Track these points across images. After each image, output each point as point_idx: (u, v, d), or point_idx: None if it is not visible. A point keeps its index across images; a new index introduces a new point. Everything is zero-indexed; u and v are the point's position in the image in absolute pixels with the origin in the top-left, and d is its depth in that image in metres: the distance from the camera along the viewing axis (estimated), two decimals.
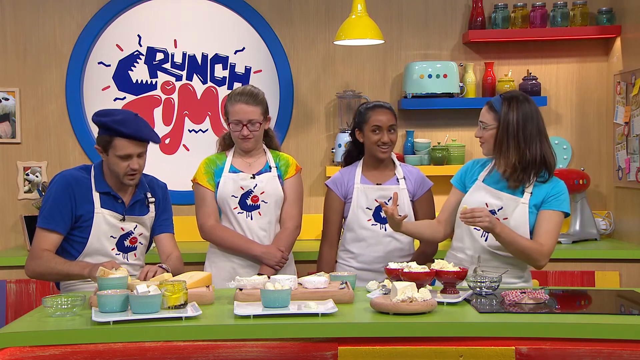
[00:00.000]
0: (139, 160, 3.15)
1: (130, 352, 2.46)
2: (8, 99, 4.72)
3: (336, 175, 3.59)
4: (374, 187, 3.49)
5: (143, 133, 3.12)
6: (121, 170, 3.14)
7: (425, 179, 3.57)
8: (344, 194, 3.52)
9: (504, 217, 3.11)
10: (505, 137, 3.10)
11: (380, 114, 3.46)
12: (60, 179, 3.20)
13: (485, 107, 3.20)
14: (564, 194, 3.13)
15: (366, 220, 3.47)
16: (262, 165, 3.58)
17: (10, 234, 4.71)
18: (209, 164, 3.57)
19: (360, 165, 3.56)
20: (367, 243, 3.48)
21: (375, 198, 3.46)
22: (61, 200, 3.14)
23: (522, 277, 3.21)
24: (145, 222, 3.30)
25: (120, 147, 3.10)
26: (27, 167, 4.73)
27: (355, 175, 3.53)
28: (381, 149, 3.46)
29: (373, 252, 3.48)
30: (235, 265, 3.52)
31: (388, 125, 3.46)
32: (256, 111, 3.46)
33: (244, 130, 3.47)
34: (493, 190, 3.16)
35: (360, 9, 4.22)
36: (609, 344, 2.47)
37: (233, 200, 3.51)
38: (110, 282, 2.73)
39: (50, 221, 3.13)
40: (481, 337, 2.51)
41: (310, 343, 2.50)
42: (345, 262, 3.53)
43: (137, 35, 4.75)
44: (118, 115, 3.12)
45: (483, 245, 3.15)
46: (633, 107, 4.36)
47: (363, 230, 3.48)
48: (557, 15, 4.61)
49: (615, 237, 4.66)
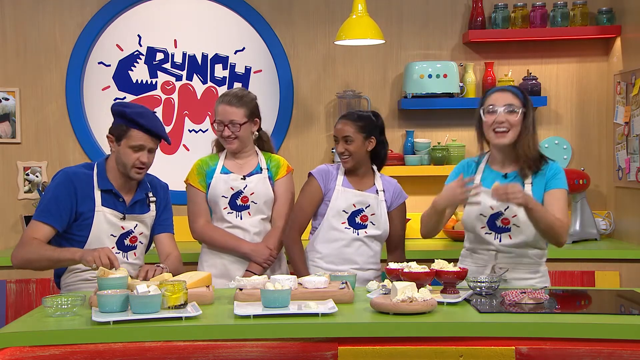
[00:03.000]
0: (149, 155, 3.19)
1: (130, 352, 2.46)
2: (8, 99, 4.72)
3: (323, 168, 3.56)
4: (354, 192, 3.49)
5: (159, 129, 3.19)
6: (130, 162, 3.16)
7: (401, 191, 3.59)
8: (326, 188, 3.51)
9: (512, 215, 3.11)
10: (530, 127, 3.11)
11: (339, 124, 3.51)
12: (62, 174, 3.21)
13: (507, 93, 3.13)
14: (561, 172, 3.17)
15: (340, 222, 3.48)
16: (253, 166, 3.62)
17: (10, 234, 4.71)
18: (201, 166, 3.62)
19: (342, 170, 3.55)
20: (338, 244, 3.48)
21: (353, 203, 3.47)
22: (61, 195, 3.14)
23: (538, 273, 3.21)
24: (145, 221, 3.31)
25: (136, 137, 3.15)
26: (27, 167, 4.73)
27: (337, 176, 3.52)
28: (342, 158, 3.49)
29: (342, 255, 3.47)
30: (226, 262, 3.58)
31: (342, 136, 3.47)
32: (238, 112, 3.50)
33: (225, 131, 3.52)
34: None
35: (360, 9, 4.22)
36: (609, 344, 2.47)
37: (223, 200, 3.55)
38: (110, 282, 2.73)
39: (46, 215, 3.12)
40: (481, 337, 2.50)
41: (310, 343, 2.50)
42: (312, 262, 3.52)
43: (137, 35, 4.76)
44: (138, 108, 3.21)
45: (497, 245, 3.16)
46: (633, 107, 4.36)
47: (335, 232, 3.48)
48: (557, 15, 4.61)
49: (616, 237, 4.66)
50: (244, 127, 3.52)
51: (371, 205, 3.47)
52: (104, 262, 2.88)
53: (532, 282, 3.18)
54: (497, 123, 3.09)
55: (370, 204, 3.48)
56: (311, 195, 3.52)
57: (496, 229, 3.15)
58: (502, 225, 3.14)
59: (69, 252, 3.05)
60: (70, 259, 3.04)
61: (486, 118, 3.12)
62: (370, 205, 3.47)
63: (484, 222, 3.16)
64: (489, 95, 3.17)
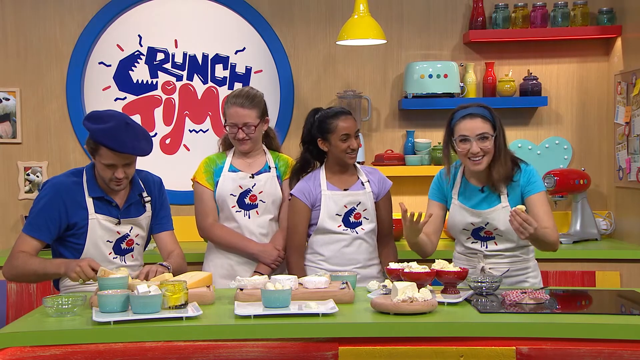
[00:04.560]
0: (125, 169, 3.07)
1: (130, 352, 2.46)
2: (9, 99, 4.72)
3: (301, 185, 3.51)
4: (342, 193, 3.48)
5: (127, 148, 3.00)
6: (106, 177, 3.08)
7: (385, 178, 3.58)
8: (312, 201, 3.48)
9: (494, 229, 3.18)
10: (503, 146, 3.16)
11: (346, 121, 3.46)
12: (50, 187, 3.14)
13: (479, 118, 3.14)
14: (534, 174, 3.20)
15: (336, 226, 3.47)
16: (261, 165, 3.59)
17: (11, 234, 4.71)
18: (208, 164, 3.59)
19: (323, 172, 3.53)
20: (339, 245, 3.47)
21: (344, 204, 3.47)
22: (49, 209, 3.09)
23: (528, 268, 3.26)
24: (141, 222, 3.26)
25: (105, 156, 3.03)
26: (27, 167, 4.73)
27: (320, 182, 3.50)
28: (350, 155, 3.47)
29: (346, 255, 3.47)
30: (233, 263, 3.55)
31: (354, 132, 3.47)
32: (251, 114, 3.47)
33: (239, 134, 3.48)
34: (472, 210, 3.21)
35: (362, 9, 4.22)
36: (609, 344, 2.47)
37: (231, 198, 3.53)
38: (110, 282, 2.73)
39: (34, 229, 3.09)
40: (482, 337, 2.51)
41: (310, 343, 2.50)
42: (315, 264, 3.50)
43: (137, 35, 4.75)
44: (108, 123, 2.99)
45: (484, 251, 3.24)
46: (634, 107, 4.36)
47: (334, 235, 3.48)
48: (557, 15, 4.61)
49: (616, 237, 4.66)
50: (257, 128, 3.51)
51: (362, 201, 3.47)
52: (88, 275, 2.85)
53: (524, 277, 3.25)
54: (471, 154, 3.13)
55: (360, 200, 3.47)
56: (299, 215, 3.48)
57: (481, 238, 3.24)
58: (485, 235, 3.23)
59: (54, 266, 3.01)
60: (55, 272, 3.01)
61: (459, 147, 3.17)
62: (361, 202, 3.47)
63: (468, 234, 3.26)
64: (458, 122, 3.17)
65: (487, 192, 3.21)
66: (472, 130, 3.13)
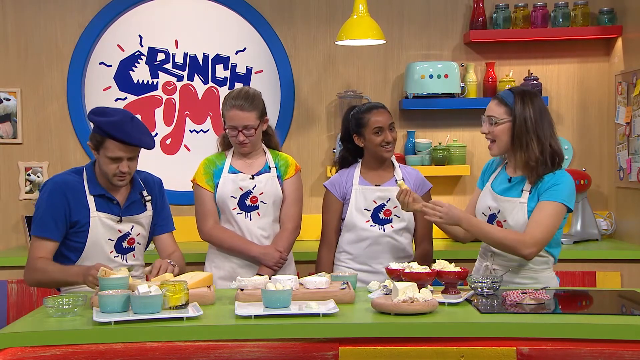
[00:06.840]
0: (129, 164, 3.09)
1: (131, 352, 2.46)
2: (9, 99, 4.72)
3: (334, 177, 3.58)
4: (373, 189, 3.49)
5: (134, 139, 3.05)
6: (110, 171, 3.09)
7: (424, 180, 3.57)
8: (343, 195, 3.52)
9: (503, 220, 3.11)
10: (524, 132, 3.04)
11: (378, 114, 3.46)
12: (52, 184, 3.14)
13: (494, 101, 3.13)
14: (561, 184, 3.03)
15: (364, 221, 3.47)
16: (261, 165, 3.58)
17: (12, 234, 4.71)
18: (208, 165, 3.56)
19: (359, 167, 3.55)
20: (365, 244, 3.47)
21: (373, 199, 3.46)
22: (54, 206, 3.08)
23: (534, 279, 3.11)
24: (142, 221, 3.26)
25: (111, 149, 3.05)
26: (28, 168, 4.73)
27: (353, 176, 3.52)
28: (386, 149, 3.47)
29: (372, 253, 3.47)
30: (235, 265, 3.53)
31: (388, 124, 3.46)
32: (251, 116, 3.44)
33: (239, 136, 3.46)
34: (494, 194, 3.17)
35: (362, 9, 4.22)
36: (610, 344, 2.47)
37: (232, 200, 3.51)
38: (111, 282, 2.73)
39: (44, 229, 3.09)
40: (482, 337, 2.50)
41: (311, 343, 2.50)
42: (344, 263, 3.51)
43: (138, 36, 4.76)
44: (114, 117, 3.05)
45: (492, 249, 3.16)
46: (634, 108, 4.36)
47: (362, 232, 3.47)
48: (558, 16, 4.61)
49: (617, 237, 4.66)
50: (257, 129, 3.49)
51: (392, 198, 3.43)
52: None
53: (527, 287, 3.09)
54: (483, 134, 3.15)
55: (390, 197, 3.44)
56: (331, 208, 3.54)
57: None
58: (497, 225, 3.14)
59: (73, 275, 3.00)
60: (76, 282, 3.02)
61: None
62: (391, 198, 3.43)
63: (485, 220, 3.17)
64: None
65: (515, 183, 3.13)
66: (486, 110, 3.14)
